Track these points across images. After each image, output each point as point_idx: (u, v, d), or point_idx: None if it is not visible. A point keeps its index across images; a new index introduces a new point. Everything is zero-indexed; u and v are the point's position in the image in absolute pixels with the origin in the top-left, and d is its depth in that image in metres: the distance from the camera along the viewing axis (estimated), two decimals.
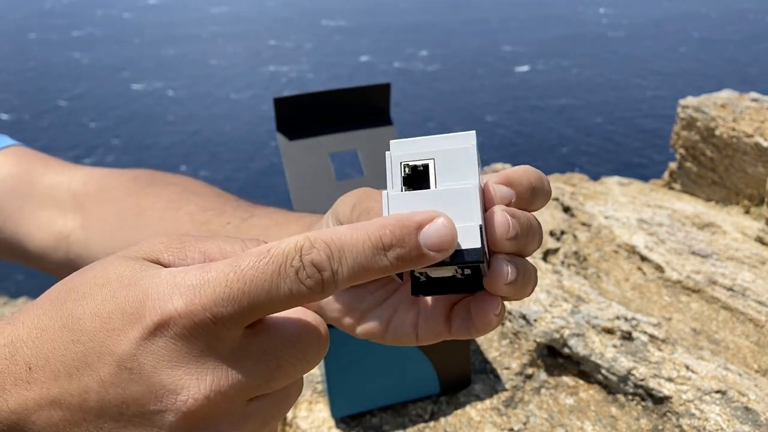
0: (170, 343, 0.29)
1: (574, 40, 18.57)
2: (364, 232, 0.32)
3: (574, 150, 9.64)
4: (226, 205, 0.63)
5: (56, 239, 0.68)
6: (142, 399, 0.30)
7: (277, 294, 0.30)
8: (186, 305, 0.29)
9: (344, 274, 0.31)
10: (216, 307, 0.29)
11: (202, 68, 16.59)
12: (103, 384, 0.30)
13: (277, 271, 0.30)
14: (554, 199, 1.38)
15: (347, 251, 0.31)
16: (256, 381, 0.31)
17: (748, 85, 10.61)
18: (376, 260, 0.32)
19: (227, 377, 0.30)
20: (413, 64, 16.05)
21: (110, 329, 0.30)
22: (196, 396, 0.29)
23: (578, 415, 0.84)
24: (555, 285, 1.00)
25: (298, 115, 0.85)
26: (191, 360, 0.30)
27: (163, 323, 0.29)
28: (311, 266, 0.30)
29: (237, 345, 0.31)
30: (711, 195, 1.61)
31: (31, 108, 12.87)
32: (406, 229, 0.32)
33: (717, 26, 19.56)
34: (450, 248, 0.33)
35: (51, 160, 0.73)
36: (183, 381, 0.29)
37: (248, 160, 9.61)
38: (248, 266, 0.30)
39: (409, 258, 0.32)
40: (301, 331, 0.33)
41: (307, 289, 0.30)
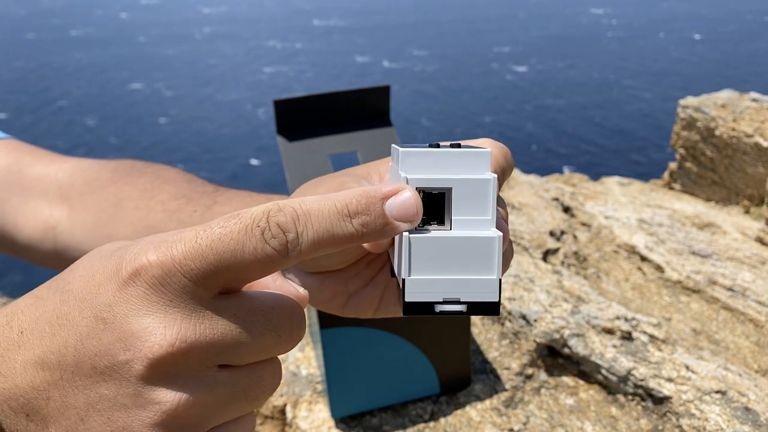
0: (141, 292, 0.31)
1: (572, 40, 18.57)
2: (331, 200, 0.33)
3: (574, 150, 9.64)
4: (194, 192, 0.64)
5: (43, 230, 0.68)
6: (113, 348, 0.31)
7: (242, 252, 0.31)
8: (158, 257, 0.31)
9: (309, 236, 0.32)
10: (185, 261, 0.31)
11: (200, 68, 16.58)
12: (80, 337, 0.31)
13: (244, 230, 0.31)
14: (554, 199, 1.38)
15: (313, 216, 0.32)
16: (223, 340, 0.32)
17: (748, 85, 10.61)
18: (342, 225, 0.32)
19: (194, 329, 0.31)
20: (412, 64, 16.04)
21: (92, 285, 0.32)
22: (162, 342, 0.30)
23: (578, 416, 0.84)
24: (555, 285, 1.01)
25: (298, 117, 0.85)
26: (160, 309, 0.31)
27: (136, 272, 0.31)
28: (276, 227, 0.32)
29: (207, 303, 0.32)
30: (711, 195, 1.61)
31: (29, 108, 12.86)
32: (372, 199, 0.33)
33: (716, 26, 19.55)
34: (414, 219, 0.33)
35: (40, 152, 0.74)
36: (151, 328, 0.31)
37: (247, 160, 9.60)
38: (218, 225, 0.32)
39: (374, 225, 0.33)
40: (274, 303, 0.34)
41: (271, 249, 0.31)
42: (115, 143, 10.74)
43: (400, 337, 0.79)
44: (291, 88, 13.95)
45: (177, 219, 0.61)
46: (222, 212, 0.59)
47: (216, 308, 0.32)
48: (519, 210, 1.29)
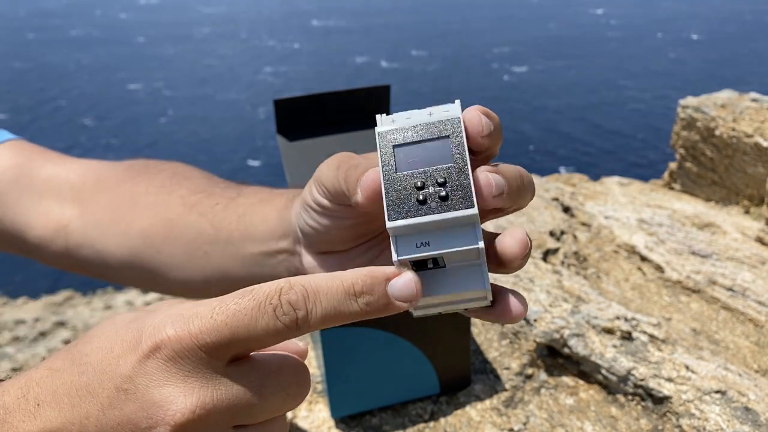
0: (161, 365, 0.33)
1: (571, 40, 18.57)
2: (339, 279, 0.35)
3: (573, 150, 9.64)
4: (215, 187, 0.65)
5: (55, 229, 0.69)
6: (136, 417, 0.32)
7: (255, 328, 0.33)
8: (176, 332, 0.33)
9: (317, 314, 0.35)
10: (201, 335, 0.33)
11: (199, 68, 16.56)
12: (102, 407, 0.33)
13: (257, 307, 0.34)
14: (554, 199, 1.38)
15: (322, 294, 0.35)
16: (238, 403, 0.34)
17: (747, 85, 10.60)
18: (348, 304, 0.35)
19: (211, 395, 0.33)
20: (412, 64, 16.03)
21: (112, 358, 0.34)
22: (183, 410, 0.32)
23: (578, 415, 0.84)
24: (555, 285, 1.01)
25: (298, 117, 0.85)
26: (179, 380, 0.33)
27: (156, 347, 0.33)
28: (288, 305, 0.34)
29: (222, 371, 0.34)
30: (711, 195, 1.61)
31: (29, 108, 12.85)
32: (376, 280, 0.36)
33: (715, 27, 19.55)
34: (414, 300, 0.36)
35: (49, 153, 0.75)
36: (172, 397, 0.32)
37: (245, 160, 9.59)
38: (232, 302, 0.34)
39: (377, 305, 0.36)
40: (282, 364, 0.37)
41: (282, 326, 0.34)
42: (114, 143, 10.73)
43: (400, 337, 0.79)
44: (290, 88, 13.95)
45: (197, 212, 0.62)
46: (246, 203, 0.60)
47: (230, 375, 0.34)
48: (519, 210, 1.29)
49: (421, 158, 0.38)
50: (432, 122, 0.38)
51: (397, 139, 0.38)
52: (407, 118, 0.39)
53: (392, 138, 0.39)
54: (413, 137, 0.38)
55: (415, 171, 0.37)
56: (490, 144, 0.39)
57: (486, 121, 0.38)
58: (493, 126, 0.39)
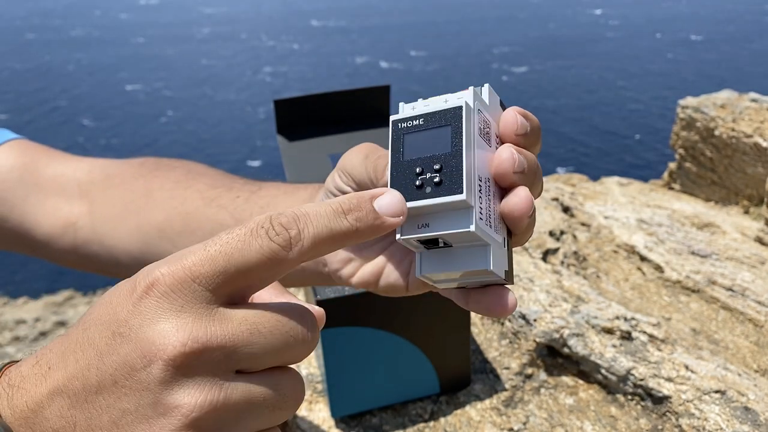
0: (155, 302, 0.33)
1: (571, 41, 18.57)
2: (326, 203, 0.36)
3: (573, 150, 9.64)
4: (234, 182, 0.65)
5: (63, 226, 0.69)
6: (131, 359, 0.32)
7: (249, 251, 0.33)
8: (169, 268, 0.33)
9: (309, 233, 0.35)
10: (194, 267, 0.33)
11: (199, 69, 16.56)
12: (101, 355, 0.33)
13: (250, 233, 0.34)
14: (554, 199, 1.38)
15: (312, 216, 0.35)
16: (234, 341, 0.33)
17: (746, 85, 10.60)
18: (338, 222, 0.36)
19: (205, 330, 0.32)
20: (411, 65, 16.03)
21: (111, 308, 0.34)
22: (175, 343, 0.32)
23: (578, 415, 0.84)
24: (555, 285, 1.01)
25: (298, 117, 0.85)
26: (172, 315, 0.32)
27: (150, 286, 0.33)
28: (279, 225, 0.34)
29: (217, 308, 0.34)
30: (710, 195, 1.61)
31: (28, 108, 12.85)
32: (362, 198, 0.37)
33: (714, 27, 19.56)
34: (401, 214, 0.37)
35: (53, 152, 0.75)
36: (165, 332, 0.32)
37: (245, 160, 9.59)
38: (224, 234, 0.34)
39: (366, 220, 0.36)
40: (284, 306, 0.36)
41: (276, 246, 0.34)
42: (114, 143, 10.73)
43: (400, 337, 0.79)
44: (290, 88, 13.95)
45: (217, 205, 0.62)
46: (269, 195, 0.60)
47: (226, 312, 0.34)
48: None
49: (424, 145, 0.39)
50: (439, 110, 0.40)
51: (407, 126, 0.40)
52: (425, 105, 0.41)
53: (402, 126, 0.40)
54: (420, 125, 0.40)
55: (418, 157, 0.39)
56: (526, 144, 0.40)
57: (522, 122, 0.40)
58: (529, 127, 0.40)
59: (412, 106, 0.41)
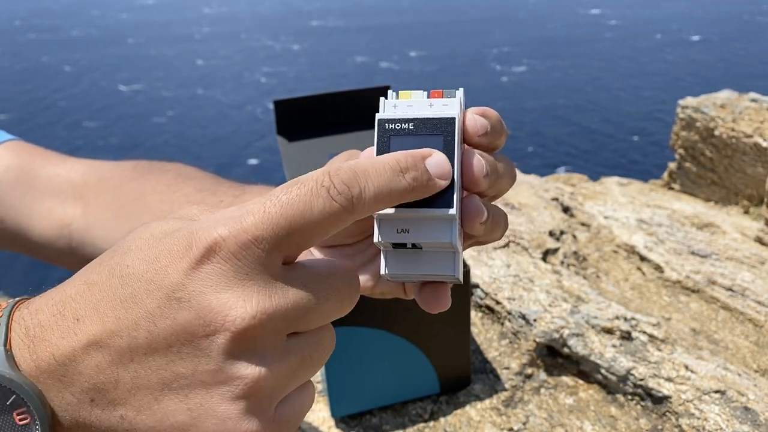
0: (217, 267, 0.31)
1: (570, 41, 18.59)
2: (382, 160, 0.35)
3: (573, 150, 9.64)
4: (220, 186, 0.65)
5: (58, 228, 0.70)
6: (191, 326, 0.31)
7: (311, 212, 0.32)
8: (229, 230, 0.31)
9: (370, 191, 0.34)
10: (257, 230, 0.31)
11: (198, 69, 16.57)
12: (152, 317, 0.31)
13: (310, 192, 0.32)
14: (554, 199, 1.38)
15: (371, 172, 0.34)
16: (295, 308, 0.32)
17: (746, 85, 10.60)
18: (397, 180, 0.35)
19: (271, 299, 0.32)
20: (411, 65, 16.04)
21: (159, 267, 0.32)
22: (244, 315, 0.31)
23: (578, 415, 0.84)
24: (554, 285, 1.01)
25: (298, 117, 0.86)
26: (237, 282, 0.31)
27: (210, 249, 0.31)
28: (341, 183, 0.33)
29: (278, 273, 0.33)
30: (710, 195, 1.61)
31: (28, 108, 12.85)
32: (416, 157, 0.36)
33: (713, 27, 19.58)
34: (448, 176, 0.37)
35: (49, 153, 0.76)
36: (231, 302, 0.31)
37: (245, 160, 9.60)
38: (282, 193, 0.32)
39: (421, 180, 0.36)
40: (332, 268, 0.35)
41: (338, 206, 0.33)
42: (114, 143, 10.73)
43: (400, 337, 0.79)
44: (289, 89, 13.95)
45: None
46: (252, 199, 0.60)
47: (285, 278, 0.33)
48: (518, 210, 1.29)
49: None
50: (429, 117, 0.39)
51: (395, 128, 0.40)
52: (408, 106, 0.41)
53: (390, 127, 0.40)
54: (410, 129, 0.39)
55: None
56: (488, 141, 0.40)
57: (482, 122, 0.40)
58: (489, 125, 0.40)
59: (393, 104, 0.41)
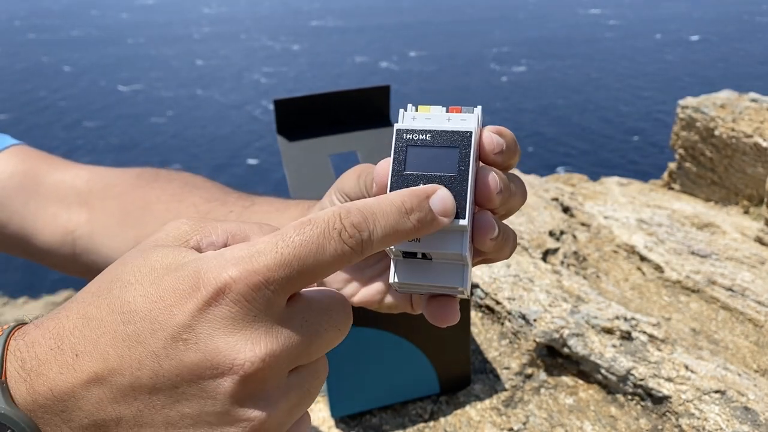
0: (226, 310, 0.31)
1: (570, 41, 18.57)
2: (388, 200, 0.36)
3: (573, 150, 9.64)
4: (228, 196, 0.65)
5: (62, 235, 0.69)
6: (198, 368, 0.30)
7: (323, 255, 0.32)
8: (240, 272, 0.31)
9: (379, 234, 0.35)
10: (269, 272, 0.31)
11: (198, 69, 16.56)
12: (157, 358, 0.31)
13: (322, 234, 0.33)
14: (554, 199, 1.38)
15: (379, 215, 0.35)
16: (300, 346, 0.33)
17: (746, 85, 10.59)
18: (403, 222, 0.36)
19: (278, 341, 0.32)
20: (411, 65, 16.03)
21: (163, 306, 0.31)
22: (253, 359, 0.31)
23: (578, 415, 0.84)
24: (554, 285, 1.01)
25: (298, 117, 0.85)
26: (245, 325, 0.31)
27: (220, 291, 0.31)
28: (352, 227, 0.33)
29: (283, 313, 0.33)
30: (710, 195, 1.61)
31: (28, 108, 12.84)
32: (420, 197, 0.37)
33: (712, 27, 19.56)
34: (451, 214, 0.38)
35: (54, 159, 0.75)
36: (239, 345, 0.31)
37: (244, 159, 9.59)
38: (295, 233, 0.32)
39: (426, 220, 0.37)
40: (330, 300, 0.36)
41: (349, 249, 0.33)
42: (114, 143, 10.72)
43: (400, 337, 0.79)
44: (289, 89, 13.94)
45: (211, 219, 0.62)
46: (261, 211, 0.60)
47: (289, 316, 0.33)
48: (519, 210, 1.29)
49: (429, 162, 0.40)
50: (446, 130, 0.40)
51: (412, 139, 0.41)
52: (427, 119, 0.42)
53: (408, 137, 0.41)
54: (427, 141, 0.40)
55: (421, 173, 0.40)
56: (503, 160, 0.41)
57: (498, 141, 0.41)
58: (505, 144, 0.41)
59: (412, 116, 0.42)
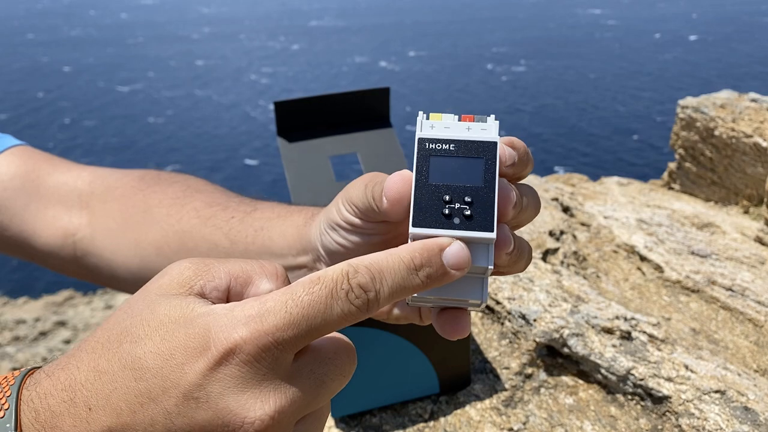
0: (236, 370, 0.32)
1: (570, 41, 18.57)
2: (397, 256, 0.36)
3: (573, 150, 9.63)
4: (230, 201, 0.65)
5: (63, 237, 0.69)
6: (209, 426, 0.31)
7: (331, 315, 0.33)
8: (250, 333, 0.32)
9: (385, 293, 0.35)
10: (278, 332, 0.32)
11: (197, 69, 16.55)
12: (169, 415, 0.31)
13: (330, 294, 0.33)
14: (554, 199, 1.38)
15: (386, 273, 0.35)
16: (307, 398, 0.34)
17: (746, 85, 10.59)
18: (411, 279, 0.36)
19: (287, 397, 0.33)
20: (410, 65, 16.02)
21: (174, 364, 0.32)
22: (263, 417, 0.31)
23: (578, 415, 0.84)
24: (554, 285, 1.01)
25: (298, 119, 0.86)
26: (255, 384, 0.32)
27: (230, 351, 0.32)
28: (359, 288, 0.34)
29: (291, 369, 0.33)
30: (710, 195, 1.61)
31: (27, 108, 12.84)
32: (432, 252, 0.37)
33: (712, 27, 19.56)
34: (466, 267, 0.37)
35: (56, 160, 0.75)
36: (249, 404, 0.31)
37: (243, 160, 9.59)
38: (304, 293, 0.33)
39: (436, 276, 0.37)
40: (336, 348, 0.36)
41: (356, 309, 0.34)
42: (114, 143, 10.73)
43: (400, 337, 0.79)
44: (289, 89, 13.94)
45: (212, 224, 0.62)
46: (263, 218, 0.60)
47: (298, 371, 0.34)
48: None
49: (454, 173, 0.40)
50: (470, 140, 0.40)
51: (435, 149, 0.40)
52: (445, 128, 0.41)
53: (430, 147, 0.40)
54: (451, 151, 0.40)
55: (446, 184, 0.39)
56: (515, 172, 0.41)
57: (510, 153, 0.41)
58: (517, 156, 0.41)
59: (430, 124, 0.41)
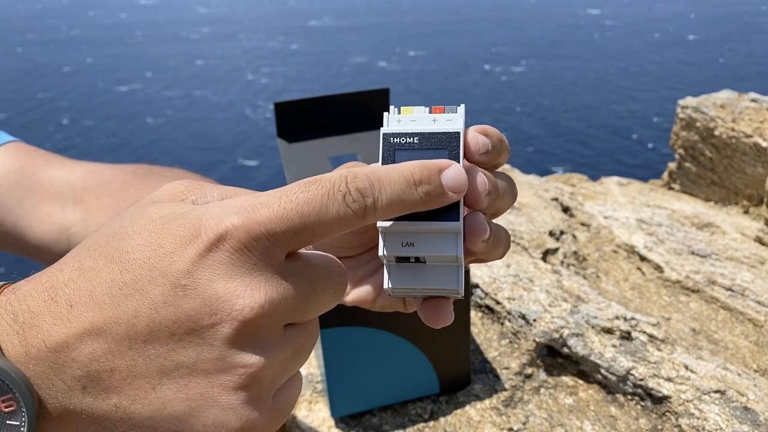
0: (226, 256, 0.31)
1: (569, 41, 18.60)
2: (398, 170, 0.36)
3: (572, 150, 9.65)
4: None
5: (57, 232, 0.70)
6: (196, 314, 0.30)
7: (326, 215, 0.33)
8: (242, 220, 0.31)
9: (383, 201, 0.35)
10: (271, 224, 0.31)
11: (196, 69, 16.58)
12: (155, 305, 0.30)
13: (327, 195, 0.33)
14: (553, 199, 1.38)
15: (386, 183, 0.35)
16: (298, 299, 0.33)
17: (745, 85, 10.62)
18: (410, 193, 0.36)
19: (278, 290, 0.32)
20: (410, 65, 16.04)
21: (163, 254, 0.31)
22: (252, 304, 0.31)
23: (577, 415, 0.84)
24: (554, 285, 1.01)
25: (298, 119, 0.86)
26: (245, 272, 0.31)
27: (221, 237, 0.31)
28: (357, 192, 0.34)
29: (282, 265, 0.33)
30: (710, 195, 1.61)
31: (26, 108, 12.86)
32: (431, 171, 0.37)
33: (712, 27, 19.59)
34: (463, 190, 0.37)
35: (50, 156, 0.75)
36: (239, 291, 0.31)
37: (243, 161, 9.60)
38: (299, 190, 0.33)
39: (434, 194, 0.36)
40: (329, 262, 0.36)
41: (352, 213, 0.33)
42: (113, 143, 10.74)
43: (400, 337, 0.79)
44: (288, 89, 13.95)
45: None
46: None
47: (290, 271, 0.33)
48: (518, 210, 1.29)
49: None
50: (433, 132, 0.40)
51: (399, 143, 0.40)
52: (412, 120, 0.41)
53: (395, 141, 0.40)
54: (415, 144, 0.40)
55: None
56: (489, 160, 0.41)
57: (483, 141, 0.40)
58: (491, 144, 0.40)
59: (397, 119, 0.41)
